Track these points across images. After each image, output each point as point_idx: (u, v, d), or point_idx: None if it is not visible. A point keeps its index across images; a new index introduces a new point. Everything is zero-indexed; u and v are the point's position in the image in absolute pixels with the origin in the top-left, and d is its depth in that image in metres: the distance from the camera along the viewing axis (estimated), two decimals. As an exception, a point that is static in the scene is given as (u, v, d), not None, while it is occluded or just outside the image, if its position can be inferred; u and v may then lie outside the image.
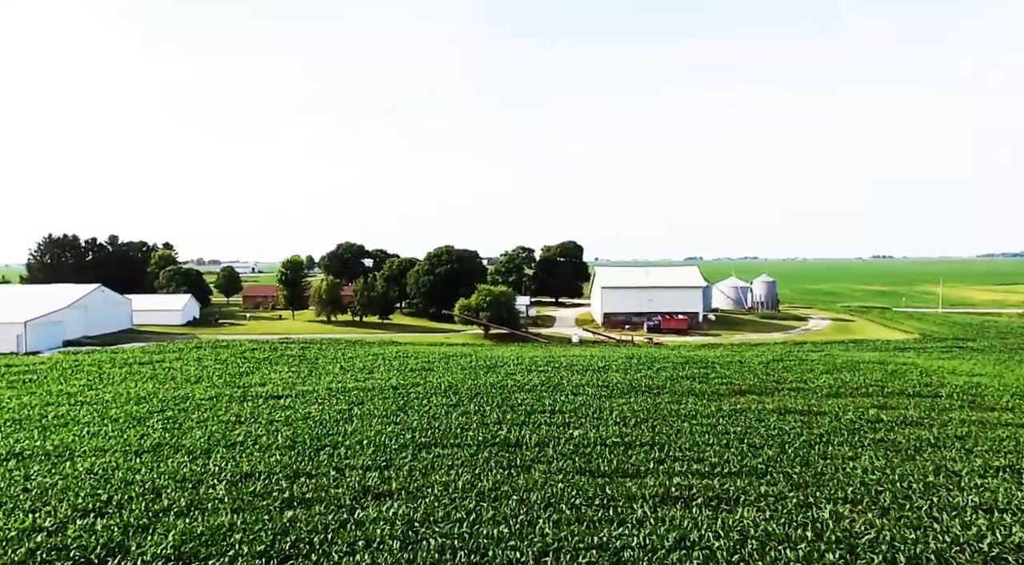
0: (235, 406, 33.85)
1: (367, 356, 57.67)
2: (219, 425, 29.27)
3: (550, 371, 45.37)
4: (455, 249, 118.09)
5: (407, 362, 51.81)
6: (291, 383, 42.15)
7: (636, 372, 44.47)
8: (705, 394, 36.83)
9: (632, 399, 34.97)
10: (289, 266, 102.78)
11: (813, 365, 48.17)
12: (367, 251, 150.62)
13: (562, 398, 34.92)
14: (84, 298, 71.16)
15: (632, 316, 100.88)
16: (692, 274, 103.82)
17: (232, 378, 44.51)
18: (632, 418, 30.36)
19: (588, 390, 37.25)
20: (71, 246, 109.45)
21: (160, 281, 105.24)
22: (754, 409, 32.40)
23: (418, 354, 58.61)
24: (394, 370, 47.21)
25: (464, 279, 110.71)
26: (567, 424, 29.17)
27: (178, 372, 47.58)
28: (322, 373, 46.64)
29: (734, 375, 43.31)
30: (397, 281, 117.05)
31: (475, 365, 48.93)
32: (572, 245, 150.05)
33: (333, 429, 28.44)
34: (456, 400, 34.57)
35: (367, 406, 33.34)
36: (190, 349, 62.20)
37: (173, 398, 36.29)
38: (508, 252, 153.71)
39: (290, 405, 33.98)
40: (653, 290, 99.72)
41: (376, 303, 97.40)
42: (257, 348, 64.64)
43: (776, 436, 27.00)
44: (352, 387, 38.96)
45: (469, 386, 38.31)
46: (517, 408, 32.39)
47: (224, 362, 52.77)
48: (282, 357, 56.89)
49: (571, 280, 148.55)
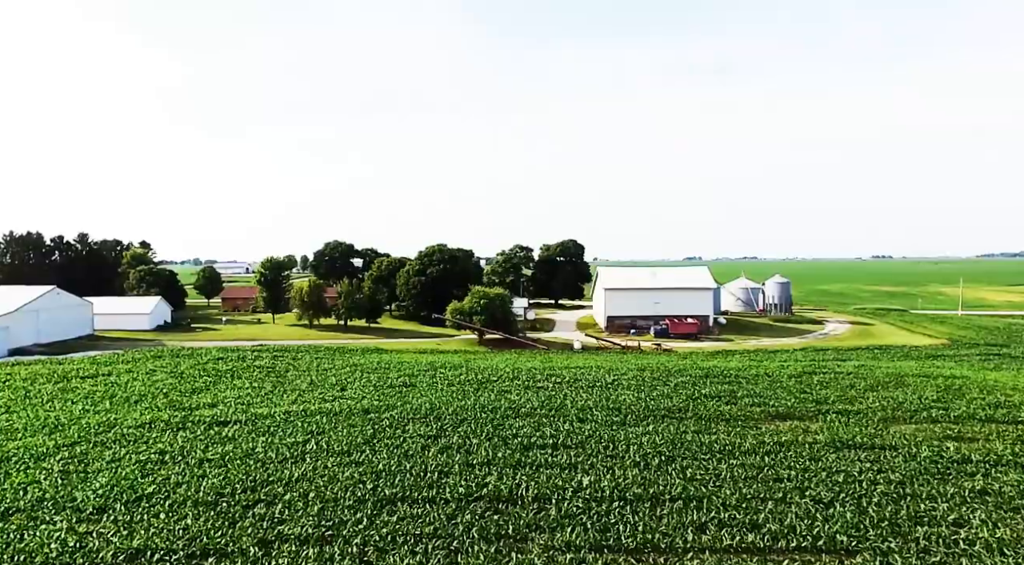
0: (166, 437, 27.98)
1: (344, 367, 51.84)
2: (132, 467, 23.38)
3: (551, 388, 39.56)
4: (448, 248, 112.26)
5: (387, 375, 45.99)
6: (246, 403, 36.28)
7: (651, 389, 38.67)
8: (737, 419, 31.04)
9: (651, 427, 29.15)
10: (269, 266, 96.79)
11: (851, 380, 42.41)
12: (356, 250, 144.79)
13: (566, 426, 29.08)
14: (35, 302, 65.19)
15: (637, 319, 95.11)
16: (702, 275, 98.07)
17: (180, 396, 38.62)
18: (654, 456, 24.53)
19: (597, 414, 31.42)
20: (34, 245, 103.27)
21: (130, 282, 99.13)
22: (802, 442, 26.60)
23: (402, 364, 52.79)
24: (370, 386, 41.36)
25: (458, 280, 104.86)
26: (574, 466, 23.32)
27: (121, 388, 41.69)
28: (287, 390, 40.80)
29: (765, 392, 37.55)
30: (386, 282, 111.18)
31: (464, 379, 43.11)
32: (572, 244, 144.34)
33: (276, 473, 22.57)
34: (437, 429, 28.73)
35: (327, 437, 27.49)
36: (148, 359, 56.28)
37: (97, 425, 30.40)
38: (505, 251, 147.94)
39: (234, 435, 28.11)
40: (660, 292, 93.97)
41: (362, 306, 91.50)
42: (224, 357, 58.79)
43: (845, 484, 21.18)
44: (316, 409, 33.11)
45: (455, 409, 32.47)
46: (511, 441, 26.55)
47: (180, 376, 46.89)
48: (248, 368, 51.02)
49: (571, 281, 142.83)
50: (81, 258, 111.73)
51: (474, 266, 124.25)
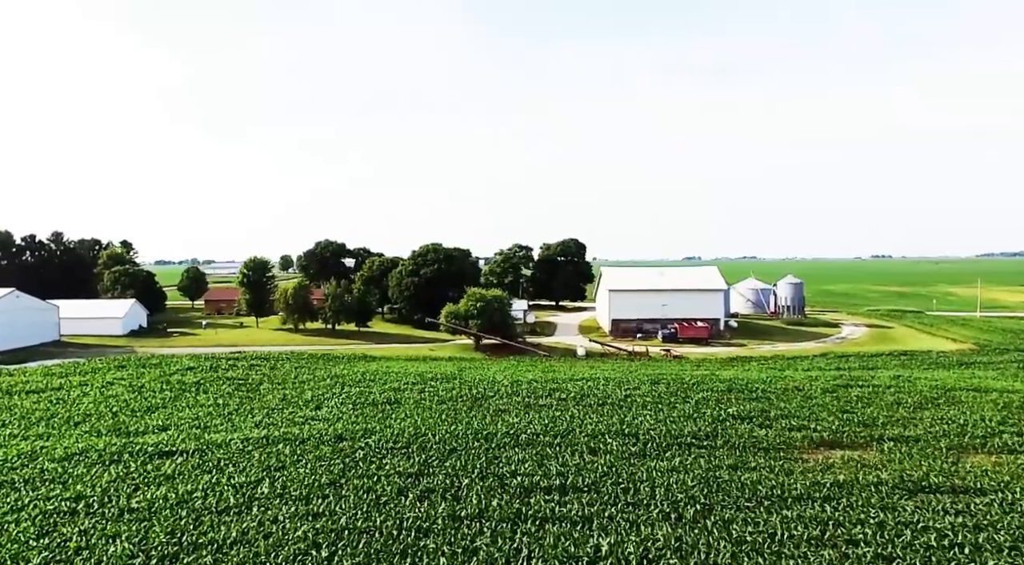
0: (92, 474, 23.35)
1: (325, 378, 47.21)
2: (29, 523, 18.73)
3: (555, 406, 34.93)
4: (443, 247, 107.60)
5: (371, 389, 41.37)
6: (203, 426, 31.63)
7: (670, 408, 34.08)
8: (777, 448, 26.47)
9: (676, 460, 24.56)
10: (252, 266, 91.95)
11: (894, 395, 37.87)
12: (348, 250, 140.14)
13: (575, 460, 24.47)
14: (-9, 305, 60.53)
15: (644, 323, 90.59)
16: (711, 275, 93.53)
17: (129, 417, 33.97)
18: (687, 503, 19.94)
19: (611, 443, 26.81)
20: (2, 245, 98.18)
21: (105, 284, 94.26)
22: (864, 481, 22.00)
23: (389, 375, 48.14)
24: (349, 403, 36.71)
25: (454, 281, 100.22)
26: (587, 520, 18.71)
27: (67, 406, 37.05)
28: (254, 408, 36.16)
29: (801, 412, 32.99)
30: (378, 283, 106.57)
31: (456, 395, 38.48)
32: (573, 243, 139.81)
33: (210, 532, 17.96)
34: (420, 463, 24.11)
35: (286, 475, 22.87)
36: (109, 369, 51.60)
37: (16, 457, 25.76)
38: (504, 251, 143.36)
39: (174, 473, 23.47)
40: (667, 293, 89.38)
41: (351, 309, 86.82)
42: (195, 366, 54.15)
43: (939, 551, 16.59)
44: (281, 435, 28.48)
45: (443, 435, 27.84)
46: (509, 481, 21.93)
47: (139, 390, 42.25)
48: (218, 380, 46.37)
49: (573, 282, 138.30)
50: (55, 258, 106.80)
51: (471, 266, 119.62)
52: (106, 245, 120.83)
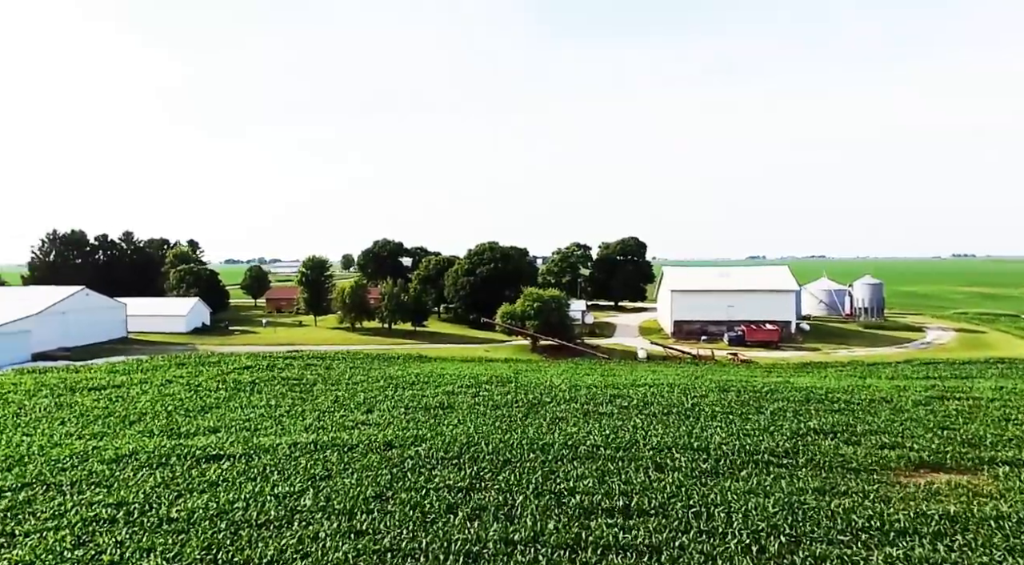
0: (138, 478, 22.87)
1: (378, 379, 46.52)
2: (67, 532, 18.15)
3: (616, 415, 32.90)
4: (500, 246, 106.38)
5: (423, 392, 40.29)
6: (253, 428, 31.11)
7: (742, 419, 31.54)
8: (869, 469, 23.73)
9: (754, 480, 22.22)
10: (310, 265, 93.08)
11: (1001, 409, 34.13)
12: (405, 249, 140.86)
13: (640, 477, 22.46)
14: (62, 303, 62.77)
15: (708, 325, 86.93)
16: (782, 275, 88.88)
17: (183, 417, 33.86)
18: (770, 533, 17.70)
19: (679, 458, 24.65)
20: (77, 244, 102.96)
21: (170, 282, 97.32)
22: (979, 515, 19.17)
23: (443, 378, 47.05)
24: (401, 407, 35.65)
25: (510, 280, 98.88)
26: (656, 551, 16.76)
27: (124, 405, 37.38)
28: (306, 410, 35.56)
29: (892, 427, 29.90)
30: (434, 282, 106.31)
31: (512, 400, 36.91)
32: (634, 242, 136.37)
33: (246, 549, 16.91)
34: (472, 476, 22.61)
35: (331, 485, 21.77)
36: (168, 367, 52.46)
37: (68, 458, 25.67)
38: (562, 250, 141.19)
39: (219, 479, 22.74)
40: (735, 294, 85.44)
41: (406, 308, 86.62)
42: (252, 365, 54.48)
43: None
44: (329, 441, 27.55)
45: (497, 445, 26.29)
46: (567, 500, 20.16)
47: (195, 388, 42.46)
48: (274, 379, 46.31)
49: (633, 281, 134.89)
50: (126, 257, 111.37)
51: (528, 265, 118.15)
52: (173, 244, 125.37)
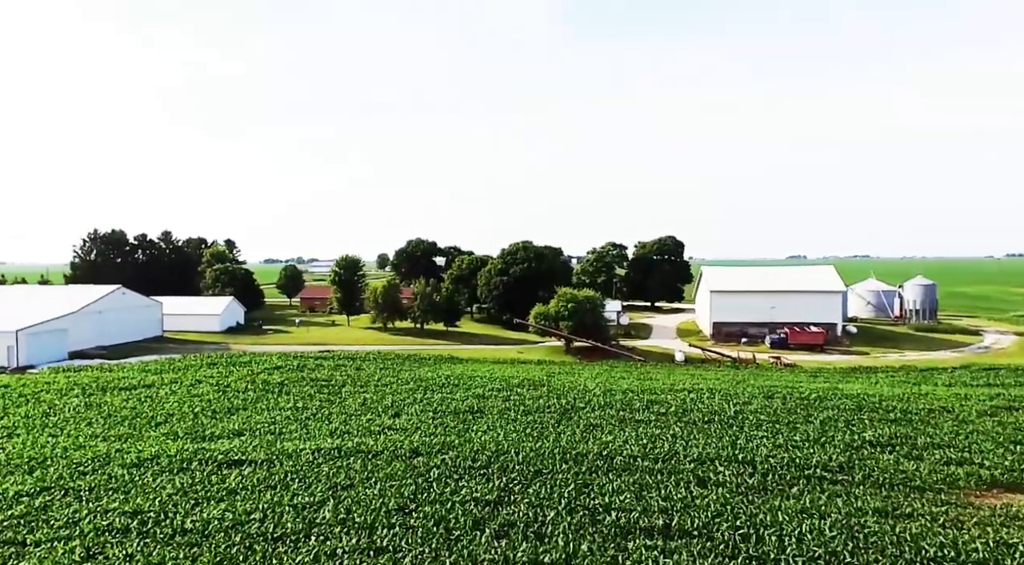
0: (157, 484, 22.25)
1: (408, 381, 45.73)
2: (78, 543, 17.50)
3: (654, 422, 31.34)
4: (533, 245, 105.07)
5: (453, 395, 39.29)
6: (278, 432, 30.47)
7: (790, 429, 29.68)
8: (936, 488, 21.78)
9: (806, 498, 20.50)
10: (343, 264, 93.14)
11: (1075, 421, 31.51)
12: (439, 248, 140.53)
13: (681, 492, 20.95)
14: (99, 302, 63.70)
15: (748, 327, 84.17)
16: (828, 275, 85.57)
17: (209, 419, 33.43)
18: (829, 561, 16.04)
19: (723, 471, 23.04)
20: (117, 243, 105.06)
21: (206, 281, 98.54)
22: (1066, 542, 17.20)
23: (474, 380, 46.02)
24: (430, 411, 34.66)
25: (544, 280, 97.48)
26: (702, 580, 15.29)
27: (153, 405, 37.22)
28: (333, 412, 34.84)
29: (956, 440, 27.74)
30: (467, 282, 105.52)
31: (544, 405, 35.61)
32: (671, 241, 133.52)
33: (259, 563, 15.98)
34: (501, 488, 21.39)
35: (353, 495, 20.81)
36: (200, 366, 52.55)
37: (90, 460, 25.27)
38: (597, 249, 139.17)
39: (238, 487, 21.98)
40: (777, 295, 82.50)
41: (438, 309, 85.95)
42: (282, 365, 54.29)
43: None
44: (354, 447, 26.65)
45: (527, 455, 25.03)
46: (602, 518, 18.78)
47: (223, 389, 42.21)
48: (303, 380, 45.89)
49: (670, 282, 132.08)
50: (165, 256, 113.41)
51: (562, 265, 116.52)
52: (211, 244, 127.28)
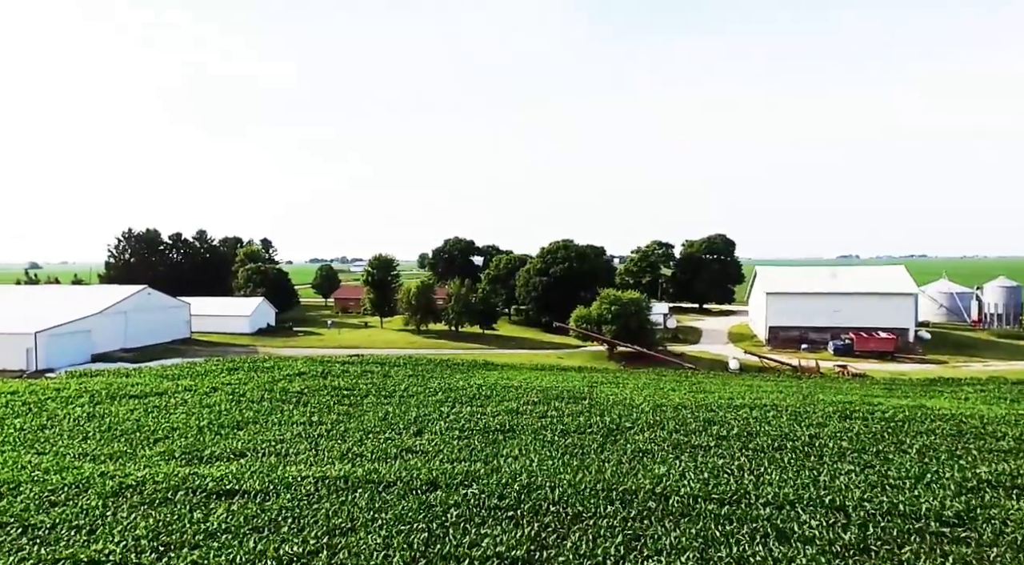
0: (129, 521, 19.22)
1: (436, 391, 42.32)
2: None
3: (714, 448, 27.12)
4: (574, 244, 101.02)
5: (484, 410, 35.68)
6: (283, 453, 27.32)
7: (881, 461, 25.10)
8: (1090, 552, 17.10)
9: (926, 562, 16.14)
10: (376, 264, 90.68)
11: None
12: (477, 247, 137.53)
13: (759, 551, 16.82)
14: (123, 302, 62.28)
15: (809, 331, 78.52)
16: (898, 276, 79.14)
17: (210, 436, 30.58)
18: None
19: (808, 521, 18.78)
20: (151, 243, 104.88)
21: (237, 281, 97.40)
22: None
23: (508, 391, 42.35)
24: (455, 430, 31.11)
25: (586, 281, 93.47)
26: None
27: (157, 417, 34.67)
28: (348, 429, 31.61)
29: (1095, 480, 22.72)
30: (504, 282, 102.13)
31: (585, 424, 31.71)
32: (721, 239, 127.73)
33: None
34: (530, 539, 17.65)
35: (350, 545, 17.37)
36: (219, 372, 50.25)
37: (59, 490, 22.46)
38: (641, 248, 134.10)
39: (223, 526, 18.77)
40: (841, 297, 76.63)
41: (473, 310, 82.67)
42: (306, 371, 51.56)
43: None
44: (364, 474, 23.26)
45: (564, 490, 21.20)
46: (660, 590, 14.82)
47: (238, 399, 39.53)
48: (324, 389, 42.96)
49: (719, 282, 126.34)
50: (199, 256, 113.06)
51: (604, 265, 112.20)
52: (247, 243, 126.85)
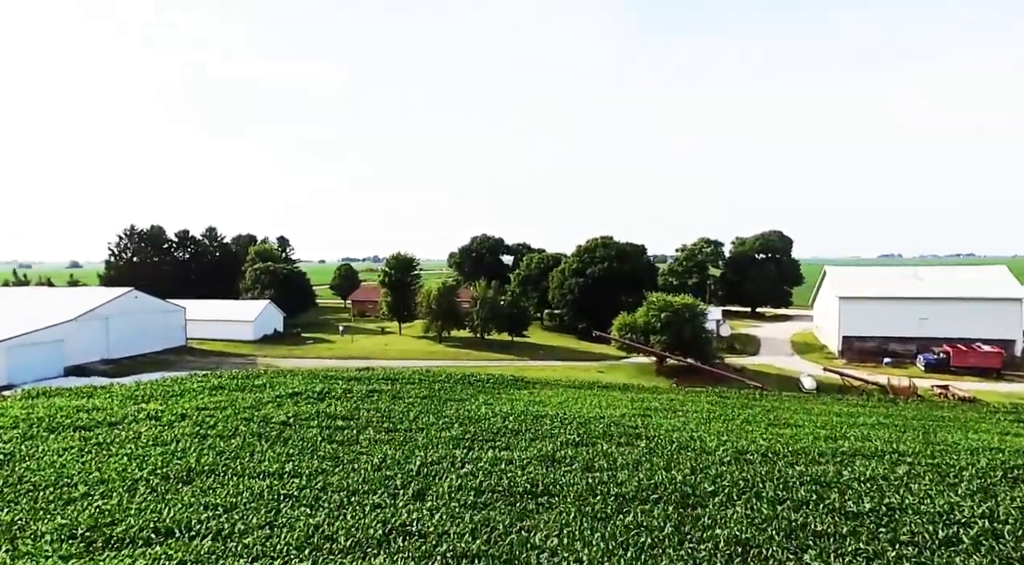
0: None
1: (453, 422, 34.84)
2: None
3: (848, 541, 19.03)
4: (614, 242, 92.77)
5: (511, 455, 28.05)
6: (227, 534, 20.01)
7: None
8: None
9: None
10: (393, 264, 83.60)
11: None
12: (506, 245, 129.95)
13: None
14: (104, 307, 56.11)
15: (890, 342, 69.14)
16: (1001, 278, 69.17)
17: (142, 497, 23.49)
18: None
19: None
20: (156, 240, 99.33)
21: (245, 282, 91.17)
22: None
23: (540, 422, 34.70)
24: (470, 490, 23.55)
25: (626, 282, 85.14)
26: None
27: (90, 462, 27.78)
28: (328, 486, 24.30)
29: None
30: (536, 283, 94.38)
31: (648, 485, 23.85)
32: (776, 237, 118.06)
33: None
34: None
35: None
36: (200, 392, 43.40)
37: None
38: (687, 247, 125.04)
39: None
40: (931, 303, 67.02)
41: (501, 316, 75.06)
42: (302, 391, 44.45)
43: None
44: (347, 544, 15.85)
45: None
46: None
47: (206, 432, 32.52)
48: (315, 419, 35.76)
49: (775, 283, 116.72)
50: (208, 254, 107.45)
51: (647, 265, 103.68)
52: (261, 241, 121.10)
